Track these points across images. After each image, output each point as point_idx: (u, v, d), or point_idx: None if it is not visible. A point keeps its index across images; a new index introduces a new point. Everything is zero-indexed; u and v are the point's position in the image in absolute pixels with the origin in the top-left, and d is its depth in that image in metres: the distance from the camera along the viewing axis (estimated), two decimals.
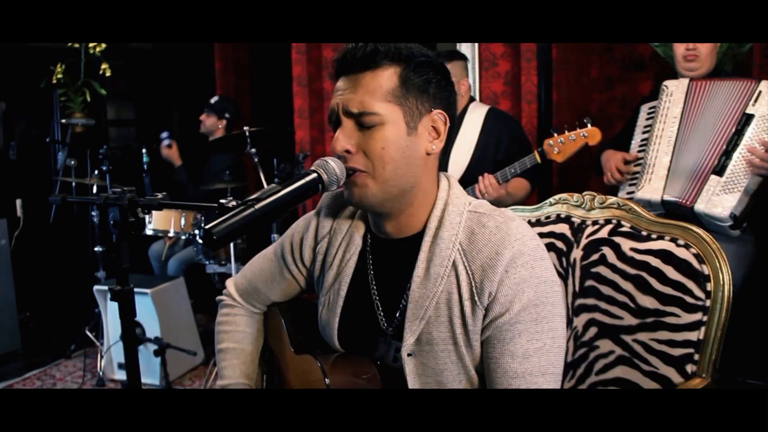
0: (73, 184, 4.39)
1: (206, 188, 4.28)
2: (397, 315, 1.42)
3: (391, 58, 1.33)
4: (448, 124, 1.39)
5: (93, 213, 4.31)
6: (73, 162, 4.33)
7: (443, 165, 1.47)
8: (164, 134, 4.64)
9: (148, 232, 4.16)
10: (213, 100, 4.68)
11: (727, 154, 2.60)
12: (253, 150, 3.74)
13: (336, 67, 1.37)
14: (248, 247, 4.04)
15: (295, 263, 1.62)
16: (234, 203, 1.18)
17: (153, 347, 3.63)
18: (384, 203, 1.37)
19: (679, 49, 2.90)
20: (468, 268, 1.32)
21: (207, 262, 4.03)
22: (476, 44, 4.11)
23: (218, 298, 1.77)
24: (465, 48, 4.08)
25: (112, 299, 1.45)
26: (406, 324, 1.37)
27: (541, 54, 3.75)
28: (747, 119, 2.60)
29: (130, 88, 5.83)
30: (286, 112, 5.02)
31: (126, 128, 5.96)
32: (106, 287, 3.97)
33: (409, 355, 1.37)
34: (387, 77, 1.32)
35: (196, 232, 3.99)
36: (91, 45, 4.86)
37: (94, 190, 4.27)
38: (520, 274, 1.28)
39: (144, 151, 4.23)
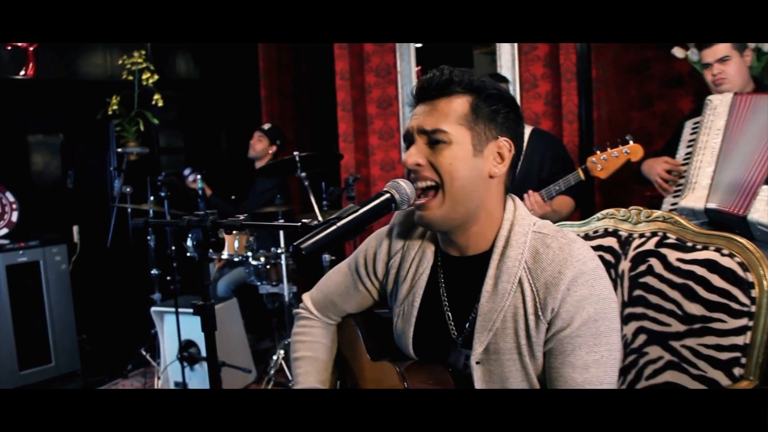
0: (129, 210, 4.57)
1: (254, 211, 4.41)
2: (467, 326, 1.53)
3: (464, 87, 1.46)
4: (513, 152, 1.50)
5: (149, 237, 4.47)
6: (128, 189, 4.51)
7: (511, 189, 1.57)
8: (187, 170, 4.80)
9: None
10: (266, 126, 4.84)
11: None
12: (303, 174, 3.87)
13: (415, 93, 1.51)
14: (298, 269, 4.16)
15: (368, 276, 1.74)
16: (316, 222, 1.30)
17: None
18: (453, 220, 1.48)
19: (707, 76, 2.99)
20: (533, 285, 1.43)
21: (259, 283, 4.15)
22: (517, 66, 4.23)
23: (295, 311, 1.89)
24: (506, 71, 4.19)
25: (194, 313, 1.57)
26: (475, 335, 1.48)
27: (580, 74, 3.85)
28: None
29: (180, 117, 6.05)
30: (330, 136, 5.17)
31: (176, 155, 6.17)
32: (162, 308, 4.14)
33: (477, 363, 1.48)
34: (459, 104, 1.45)
35: (249, 254, 4.13)
36: (144, 77, 5.08)
37: (150, 214, 4.44)
38: (581, 292, 1.39)
39: (199, 177, 4.39)
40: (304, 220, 1.33)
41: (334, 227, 1.32)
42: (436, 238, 1.61)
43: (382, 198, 1.40)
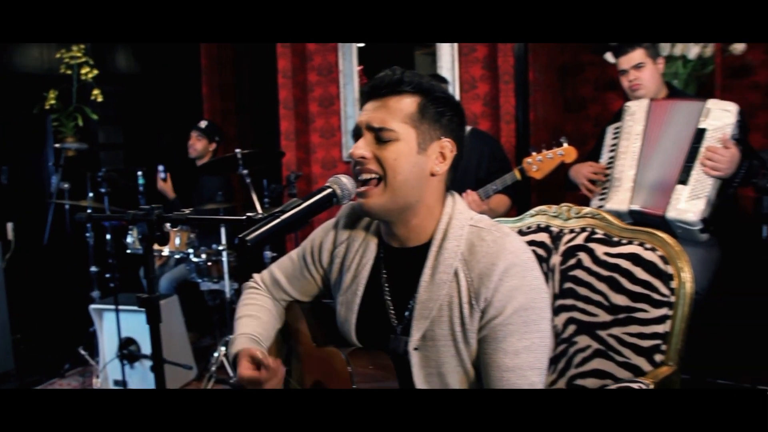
0: (67, 206, 4.50)
1: (198, 209, 4.40)
2: (406, 314, 1.60)
3: (414, 88, 1.54)
4: (455, 152, 1.59)
5: (88, 234, 4.41)
6: (66, 185, 4.44)
7: (450, 186, 1.66)
8: (161, 167, 4.77)
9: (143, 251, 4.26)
10: (203, 125, 4.82)
11: (688, 165, 2.82)
12: (245, 171, 3.89)
13: (366, 90, 1.58)
14: (239, 266, 4.17)
15: (314, 264, 1.81)
16: (260, 215, 1.36)
17: (148, 363, 3.75)
18: (391, 211, 1.56)
19: (624, 82, 3.17)
20: (468, 275, 1.52)
21: (200, 280, 4.15)
22: (456, 68, 4.32)
23: (244, 284, 1.94)
24: (446, 72, 4.29)
25: (139, 306, 1.60)
26: (413, 322, 1.56)
27: (518, 76, 3.96)
28: (700, 133, 2.84)
29: (119, 113, 5.96)
30: (271, 134, 5.19)
31: (116, 152, 6.08)
32: (101, 306, 4.09)
33: (415, 349, 1.56)
34: (408, 103, 1.54)
35: (190, 251, 4.12)
36: (83, 71, 5.01)
37: (89, 211, 4.37)
38: (513, 282, 1.48)
39: (140, 173, 4.36)
40: (248, 214, 1.39)
41: (277, 220, 1.38)
42: (380, 230, 1.69)
43: (324, 193, 1.47)
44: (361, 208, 1.57)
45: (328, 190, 1.48)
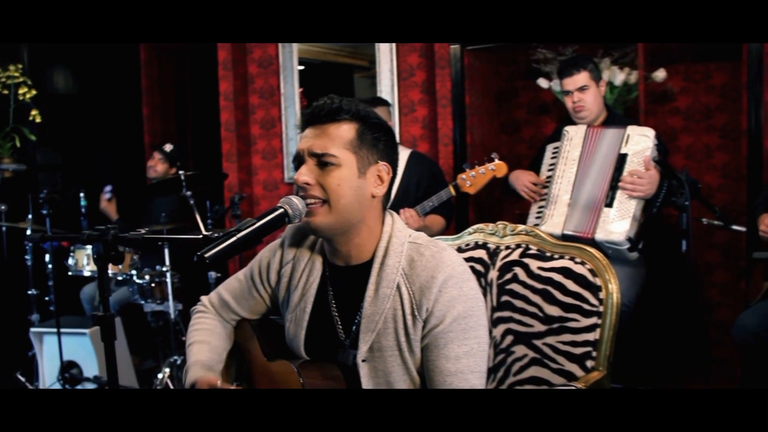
0: (4, 228, 4.44)
1: (148, 229, 4.38)
2: (353, 328, 1.70)
3: (352, 116, 1.64)
4: (391, 175, 1.70)
5: (27, 257, 4.35)
6: (3, 207, 4.38)
7: (389, 207, 1.77)
8: (108, 187, 4.74)
9: (86, 273, 4.25)
10: (168, 149, 4.84)
11: (613, 188, 3.03)
12: (189, 192, 3.93)
13: (305, 118, 1.67)
14: (183, 287, 4.19)
15: (262, 284, 1.88)
16: (216, 234, 1.44)
17: (91, 386, 3.73)
18: (335, 231, 1.66)
19: (568, 102, 3.34)
20: (409, 289, 1.63)
21: (144, 302, 4.14)
22: (396, 92, 4.45)
23: (192, 308, 1.99)
24: (385, 95, 4.41)
25: (94, 324, 1.64)
26: (360, 335, 1.66)
27: (455, 100, 4.12)
28: (622, 158, 3.04)
29: (57, 134, 5.89)
30: (213, 156, 5.22)
31: (54, 173, 5.99)
32: (42, 329, 4.05)
33: (363, 360, 1.66)
34: (346, 130, 1.63)
35: (134, 272, 4.12)
36: (21, 91, 4.96)
37: (28, 232, 4.32)
38: (451, 293, 1.60)
39: (81, 195, 4.33)
40: (205, 233, 1.46)
41: (234, 238, 1.46)
42: (324, 250, 1.78)
43: (277, 212, 1.55)
44: (308, 226, 1.65)
45: (280, 210, 1.56)
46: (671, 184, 2.67)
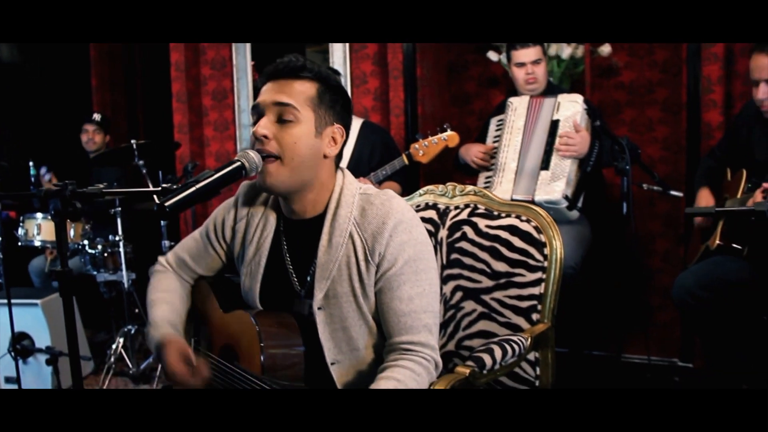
0: None
1: (96, 200, 4.34)
2: (308, 278, 1.76)
3: (314, 75, 1.69)
4: (344, 138, 1.76)
5: None
6: None
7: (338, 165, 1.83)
8: (43, 169, 4.67)
9: (36, 243, 4.21)
10: (99, 118, 4.81)
11: (547, 152, 3.20)
12: (141, 162, 3.92)
13: (268, 72, 1.71)
14: (136, 257, 4.17)
15: (218, 240, 1.93)
16: (176, 186, 1.47)
17: (44, 357, 3.71)
18: (289, 188, 1.71)
19: (520, 74, 3.44)
20: (362, 236, 1.70)
21: (96, 272, 4.11)
22: (348, 64, 4.49)
23: (150, 269, 2.02)
24: (338, 67, 4.44)
25: (53, 279, 1.66)
26: (315, 284, 1.72)
27: (406, 72, 4.18)
28: (555, 124, 3.24)
29: (2, 105, 5.77)
30: (164, 127, 5.18)
31: (0, 144, 5.88)
32: None
33: (319, 308, 1.72)
34: (308, 87, 1.68)
35: (86, 242, 4.10)
36: None
37: None
38: (402, 237, 1.68)
39: (31, 164, 4.28)
40: (164, 185, 1.50)
41: (193, 188, 1.50)
42: (278, 205, 1.83)
43: (234, 165, 1.59)
44: (262, 185, 1.70)
45: (238, 163, 1.59)
46: (612, 149, 2.78)
